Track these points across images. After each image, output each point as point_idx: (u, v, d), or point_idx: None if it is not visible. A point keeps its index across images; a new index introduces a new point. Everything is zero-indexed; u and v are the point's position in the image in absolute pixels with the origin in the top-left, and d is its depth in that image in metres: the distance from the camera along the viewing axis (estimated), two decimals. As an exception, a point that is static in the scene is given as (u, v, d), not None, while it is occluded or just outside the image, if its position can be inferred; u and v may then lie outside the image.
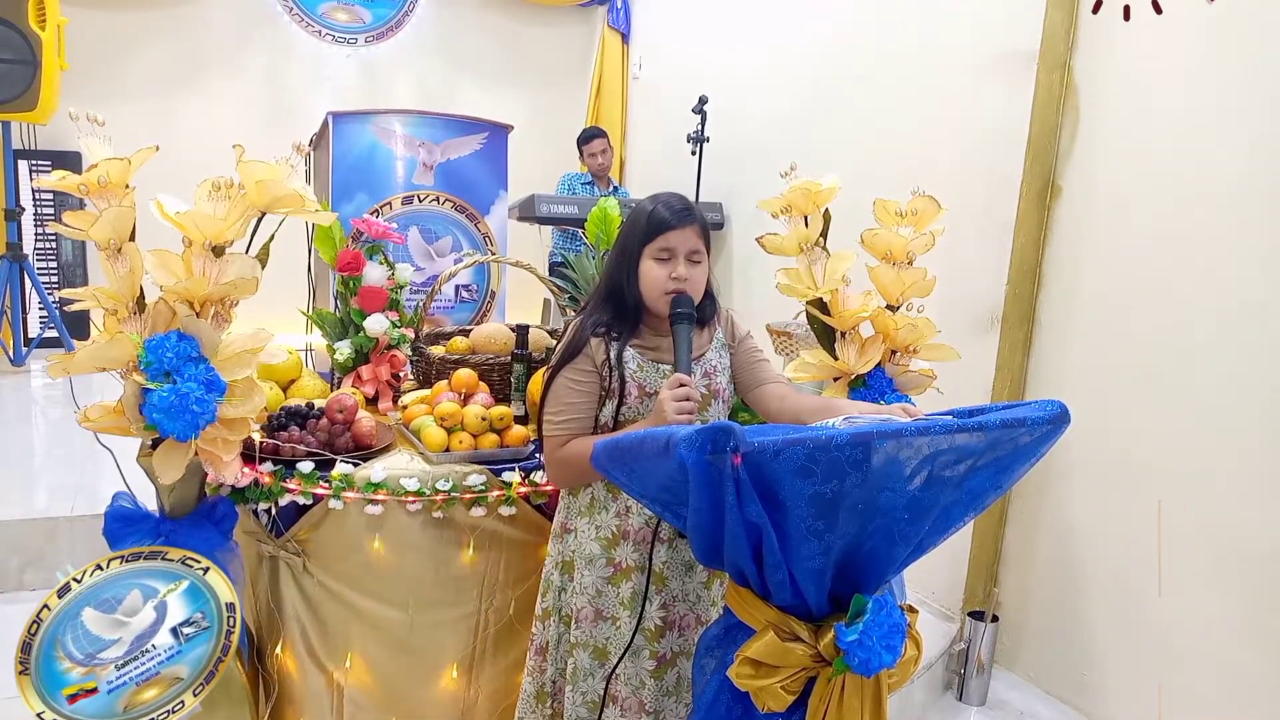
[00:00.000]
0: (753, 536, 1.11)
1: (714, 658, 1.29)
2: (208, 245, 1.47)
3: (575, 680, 1.56)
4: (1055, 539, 2.53)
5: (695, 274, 1.51)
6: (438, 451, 1.84)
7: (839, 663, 1.14)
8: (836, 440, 1.03)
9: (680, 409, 1.38)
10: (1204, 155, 2.12)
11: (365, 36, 6.30)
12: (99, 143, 1.44)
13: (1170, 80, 2.20)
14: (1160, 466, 2.21)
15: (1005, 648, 2.66)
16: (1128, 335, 2.31)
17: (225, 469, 1.53)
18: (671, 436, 1.04)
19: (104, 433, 1.49)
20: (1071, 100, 2.47)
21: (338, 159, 3.69)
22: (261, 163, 1.49)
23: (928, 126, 3.05)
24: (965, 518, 1.20)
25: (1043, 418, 1.12)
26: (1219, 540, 2.08)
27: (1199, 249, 2.13)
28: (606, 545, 1.55)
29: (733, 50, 4.58)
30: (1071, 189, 2.49)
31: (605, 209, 2.42)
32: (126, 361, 1.42)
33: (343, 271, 2.31)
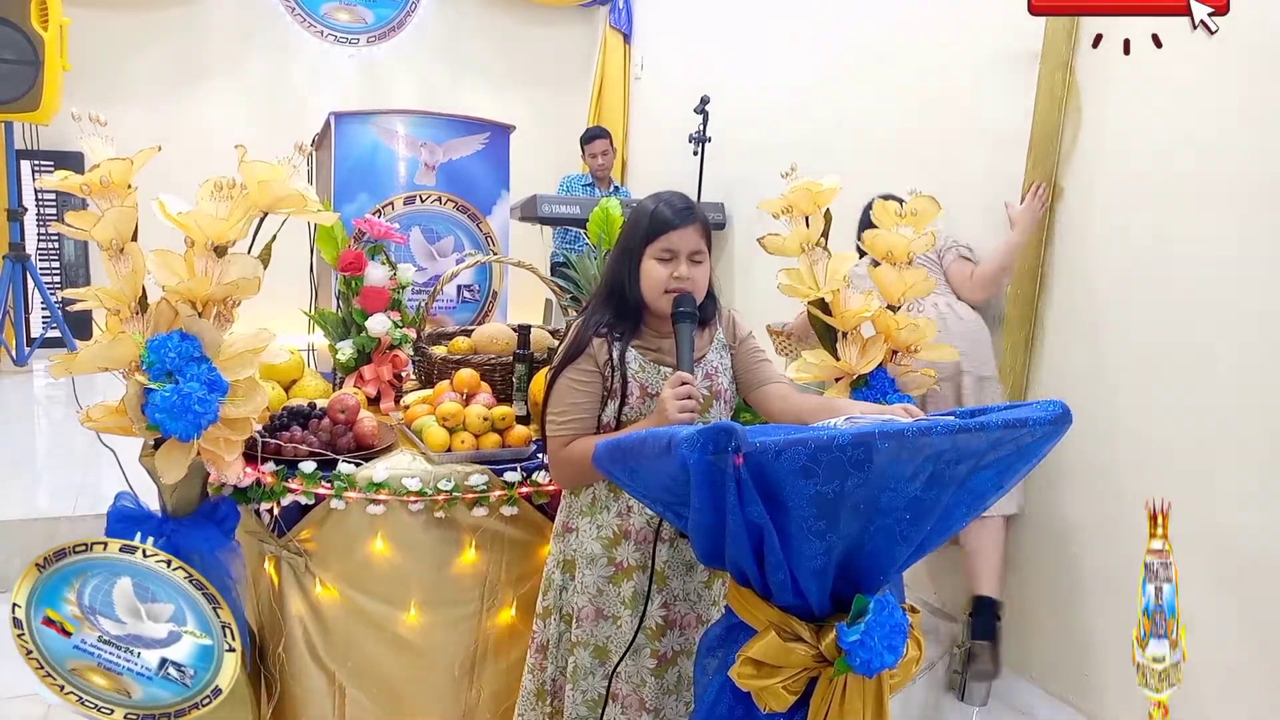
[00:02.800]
0: (754, 537, 1.11)
1: (715, 658, 1.29)
2: (210, 245, 1.47)
3: (576, 679, 1.56)
4: (1058, 539, 2.53)
5: (697, 274, 1.52)
6: (440, 451, 1.84)
7: (841, 663, 1.14)
8: (838, 440, 1.02)
9: (682, 408, 1.38)
10: (1208, 156, 2.11)
11: (367, 37, 6.30)
12: (101, 143, 1.44)
13: (1174, 80, 2.19)
14: (1162, 467, 2.21)
15: (1007, 648, 2.65)
16: (1130, 336, 2.31)
17: (227, 469, 1.54)
18: (673, 437, 1.04)
19: (106, 433, 1.49)
20: (1074, 100, 2.47)
21: (340, 159, 3.69)
22: (263, 163, 1.49)
23: (929, 126, 3.05)
24: (967, 518, 1.20)
25: (1044, 418, 1.12)
26: (1222, 542, 2.07)
27: (1203, 249, 2.12)
28: (608, 545, 1.55)
29: (735, 50, 4.58)
30: (1073, 189, 2.49)
31: (607, 209, 2.42)
32: (129, 361, 1.43)
33: (345, 272, 2.31)
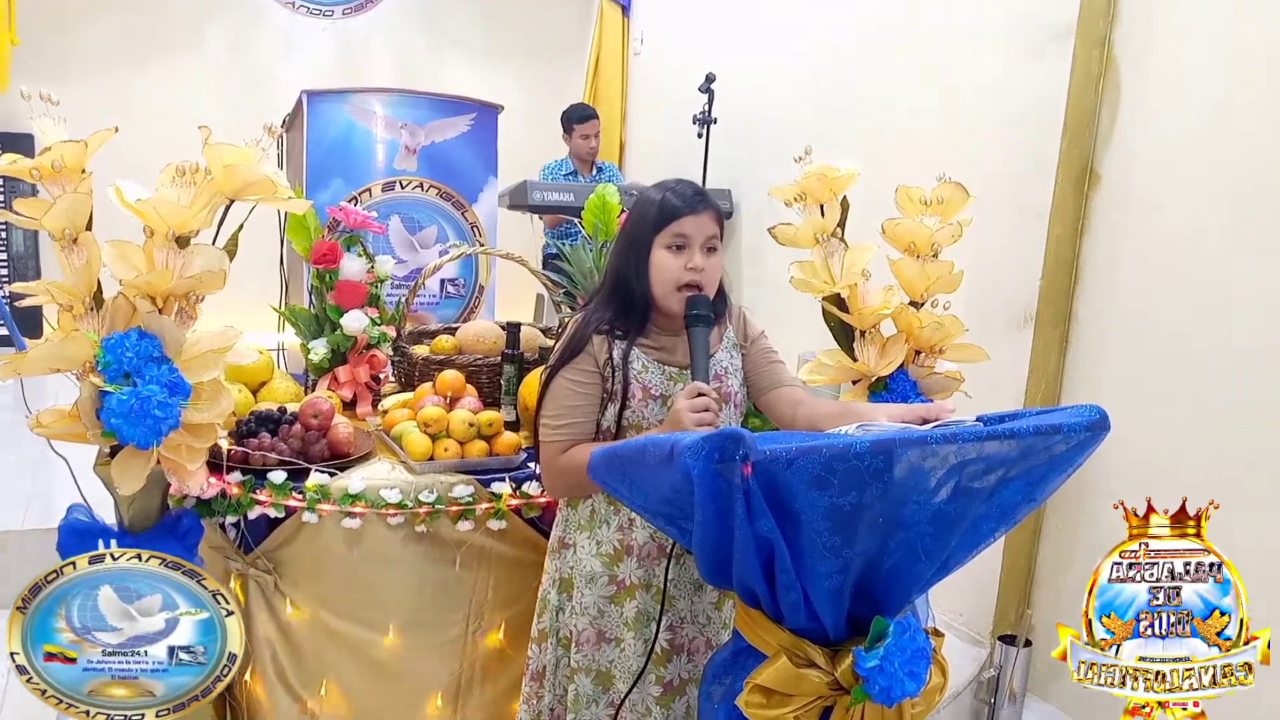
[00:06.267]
0: (764, 553, 1.11)
1: (722, 685, 1.29)
2: (171, 235, 1.47)
3: (577, 708, 1.56)
4: (1093, 556, 2.52)
5: (711, 264, 1.52)
6: (421, 460, 1.84)
7: (858, 691, 1.15)
8: (855, 448, 1.03)
9: (699, 420, 1.38)
10: (1256, 138, 2.12)
11: (342, 9, 6.30)
12: (53, 123, 1.44)
13: (1217, 57, 2.20)
14: (1208, 476, 2.21)
15: (1039, 675, 2.65)
16: (1172, 334, 2.31)
17: (190, 479, 1.54)
18: (676, 444, 1.05)
19: (58, 439, 1.49)
20: (1111, 79, 2.47)
21: (313, 141, 3.69)
22: (230, 145, 1.49)
23: (955, 107, 3.05)
24: (995, 533, 1.20)
25: (1080, 424, 1.12)
26: (1275, 554, 2.07)
27: (1250, 240, 2.12)
28: (608, 562, 1.55)
29: (743, 24, 4.58)
30: (1111, 176, 2.49)
31: (604, 196, 2.43)
32: (83, 362, 1.43)
33: (318, 264, 2.31)
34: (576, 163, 5.02)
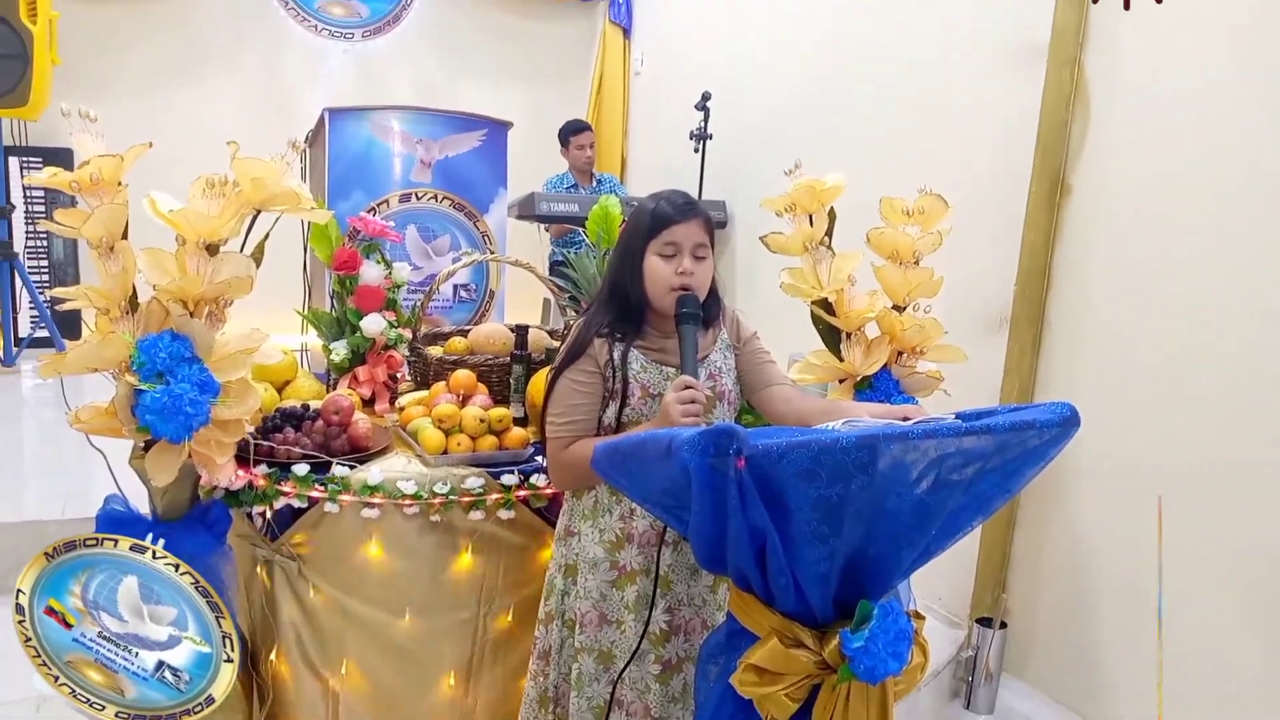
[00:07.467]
0: (756, 541, 1.11)
1: (717, 664, 1.29)
2: (201, 244, 1.47)
3: (580, 685, 1.56)
4: (1065, 544, 2.53)
5: (700, 270, 1.52)
6: (435, 454, 1.84)
7: (844, 670, 1.14)
8: (842, 443, 1.03)
9: (686, 412, 1.38)
10: (1218, 153, 2.11)
11: (362, 31, 6.30)
12: (91, 139, 1.44)
13: (1183, 76, 2.19)
14: (1172, 471, 2.21)
15: (1014, 655, 2.65)
16: (1140, 337, 2.31)
17: (219, 472, 1.54)
18: (673, 439, 1.05)
19: (95, 434, 1.49)
20: (1082, 97, 2.47)
21: (334, 156, 3.69)
22: (256, 160, 1.49)
23: (935, 123, 3.05)
24: (973, 522, 1.20)
25: (1052, 420, 1.12)
26: (1232, 548, 2.07)
27: (1214, 248, 2.12)
28: (610, 549, 1.55)
29: (736, 46, 4.58)
30: (1082, 187, 2.49)
31: (606, 207, 2.43)
32: (119, 362, 1.43)
33: (339, 270, 2.31)
34: (575, 175, 5.01)
